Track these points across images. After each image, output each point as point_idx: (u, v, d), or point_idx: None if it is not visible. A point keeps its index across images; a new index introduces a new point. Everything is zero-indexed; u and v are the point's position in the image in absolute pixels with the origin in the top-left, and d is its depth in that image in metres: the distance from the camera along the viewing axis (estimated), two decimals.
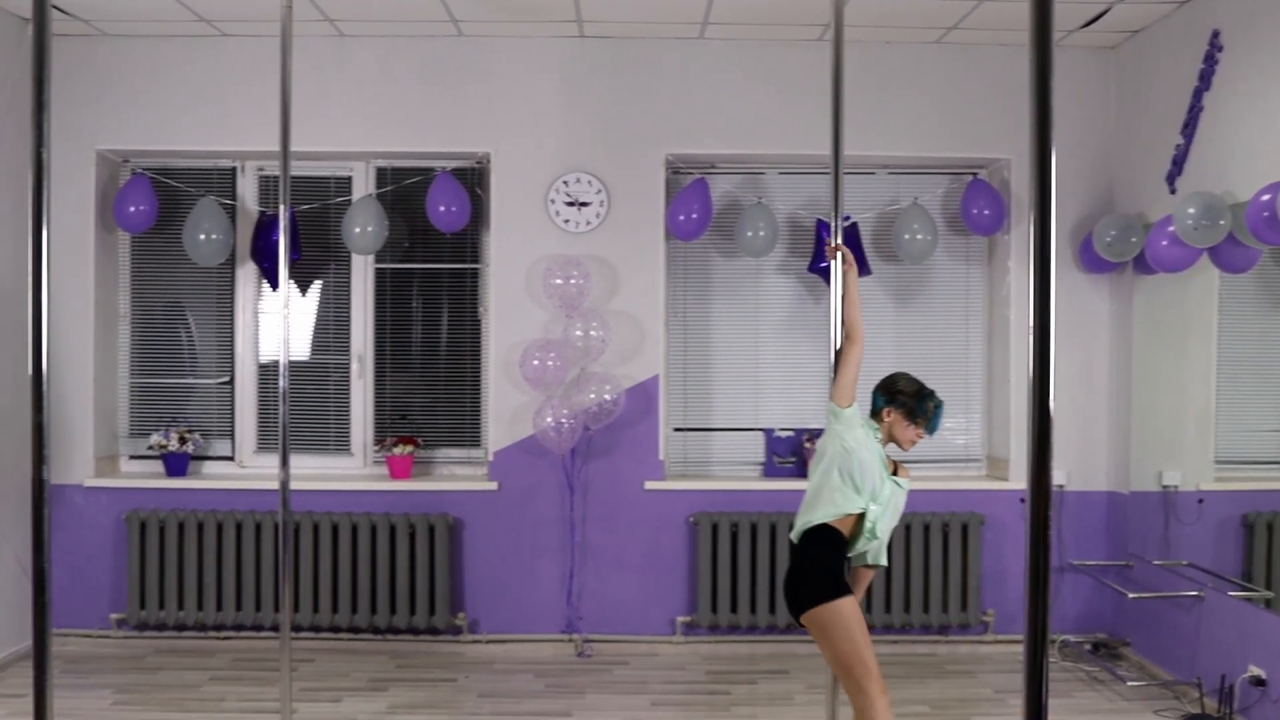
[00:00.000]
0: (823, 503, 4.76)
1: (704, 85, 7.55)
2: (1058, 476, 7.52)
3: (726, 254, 7.85)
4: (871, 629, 7.37)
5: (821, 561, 4.72)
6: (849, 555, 4.81)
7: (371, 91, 7.55)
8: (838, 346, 5.00)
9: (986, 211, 7.51)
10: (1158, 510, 7.17)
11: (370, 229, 7.43)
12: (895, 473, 4.86)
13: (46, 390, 3.48)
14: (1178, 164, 6.77)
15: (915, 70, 7.58)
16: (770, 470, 7.73)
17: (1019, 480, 7.57)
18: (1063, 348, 7.43)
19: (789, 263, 7.84)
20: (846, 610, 4.58)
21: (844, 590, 4.62)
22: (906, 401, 4.83)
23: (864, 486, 4.72)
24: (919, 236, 7.47)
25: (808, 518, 4.78)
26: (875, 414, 4.89)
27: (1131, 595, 7.00)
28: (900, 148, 7.59)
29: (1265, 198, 5.60)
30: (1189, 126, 6.65)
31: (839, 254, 5.08)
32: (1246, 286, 6.85)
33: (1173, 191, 6.79)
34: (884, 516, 4.76)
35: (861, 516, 4.75)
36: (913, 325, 7.89)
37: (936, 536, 7.51)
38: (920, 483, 7.51)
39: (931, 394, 4.87)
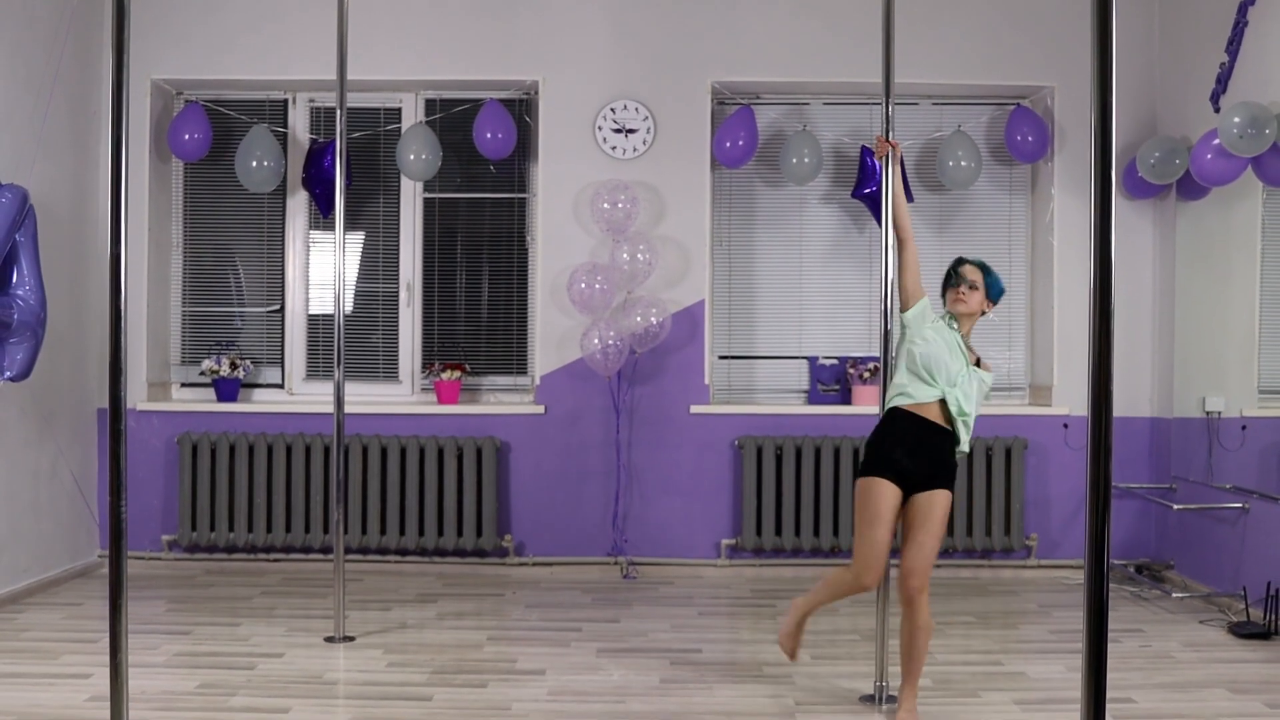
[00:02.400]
0: (893, 395, 4.88)
1: (750, 13, 7.64)
2: None
3: (771, 183, 7.93)
4: None
5: (872, 439, 4.88)
6: (958, 445, 4.86)
7: (421, 22, 7.66)
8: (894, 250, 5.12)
9: (1030, 138, 7.57)
10: (1201, 436, 7.19)
11: (425, 156, 7.54)
12: (978, 364, 4.90)
13: (124, 329, 3.54)
14: (1222, 82, 6.81)
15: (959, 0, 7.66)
16: (814, 397, 7.80)
17: (1062, 406, 7.61)
18: None
19: (833, 192, 7.91)
20: (863, 487, 4.77)
21: (873, 470, 4.76)
22: (947, 275, 4.98)
23: (939, 376, 4.78)
24: (963, 163, 7.53)
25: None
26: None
27: (1176, 507, 7.03)
28: (944, 77, 7.66)
29: None
30: (1234, 43, 6.70)
31: (888, 154, 5.16)
32: None
33: (1217, 110, 6.83)
34: (966, 399, 4.80)
35: (943, 403, 4.79)
36: (956, 254, 7.87)
37: (980, 461, 7.55)
38: None
39: (960, 259, 5.05)
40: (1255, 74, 6.52)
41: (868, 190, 7.51)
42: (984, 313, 4.99)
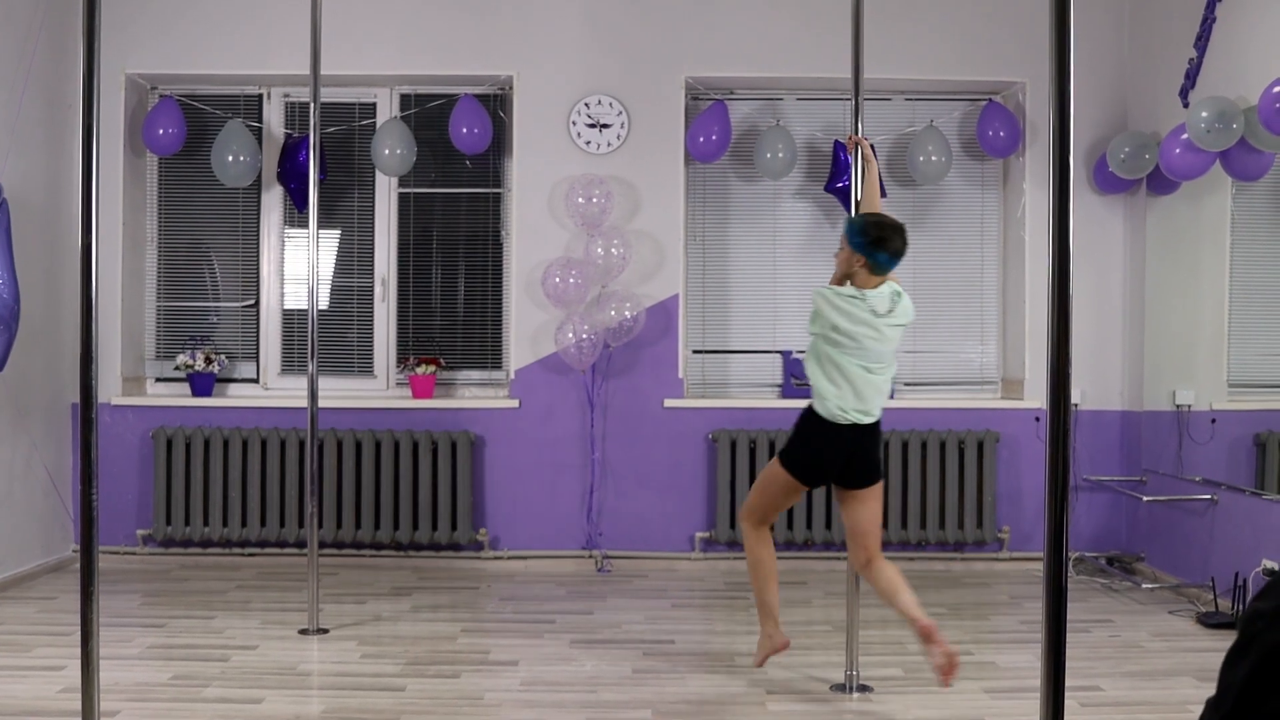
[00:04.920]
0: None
1: (724, 9, 7.67)
2: (1072, 395, 7.59)
3: (745, 178, 7.97)
4: (887, 545, 7.55)
5: None
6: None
7: (396, 17, 7.67)
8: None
9: (1002, 134, 7.62)
10: (1171, 429, 7.26)
11: (399, 151, 7.56)
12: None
13: (95, 318, 3.55)
14: (1190, 78, 6.87)
15: None
16: (788, 391, 7.83)
17: (1034, 400, 7.66)
18: (1077, 268, 7.46)
19: (806, 187, 7.95)
20: None
21: None
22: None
23: None
24: (934, 158, 7.58)
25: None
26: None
27: (1146, 499, 7.11)
28: (916, 72, 7.70)
29: (1277, 89, 5.70)
30: (1202, 39, 6.76)
31: (858, 147, 5.22)
32: (1259, 209, 6.94)
33: (1186, 105, 6.89)
34: None
35: None
36: (928, 249, 7.97)
37: (953, 454, 7.60)
38: (936, 401, 7.71)
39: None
40: (1224, 69, 6.59)
41: (841, 184, 7.56)
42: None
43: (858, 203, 5.28)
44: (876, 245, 4.86)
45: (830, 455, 4.94)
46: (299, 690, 5.09)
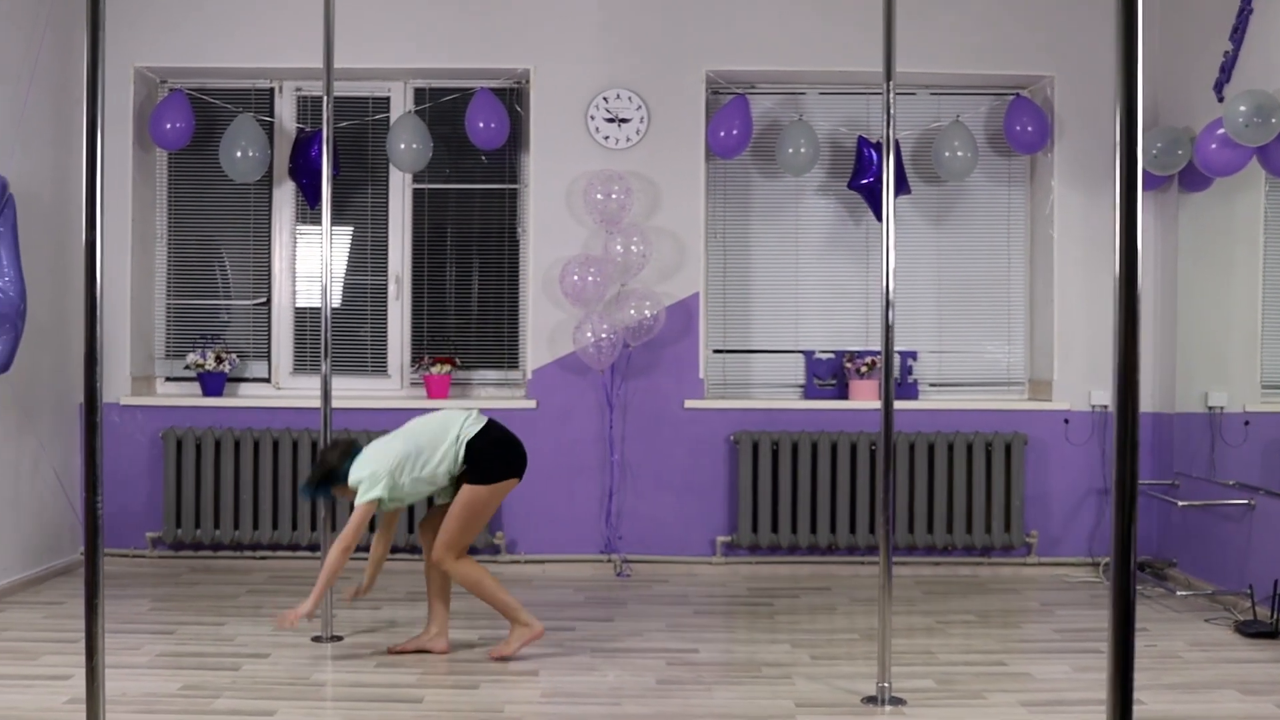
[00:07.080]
0: None
1: (745, 1, 7.51)
2: (1101, 398, 7.45)
3: (767, 174, 7.81)
4: (912, 549, 7.44)
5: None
6: None
7: (410, 9, 7.53)
8: None
9: (1030, 129, 7.44)
10: (1203, 431, 7.08)
11: (415, 146, 7.41)
12: None
13: (100, 317, 3.39)
14: (1226, 71, 6.69)
15: None
16: (811, 392, 7.68)
17: (1063, 401, 7.49)
18: (1105, 267, 7.34)
19: (829, 184, 7.79)
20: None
21: None
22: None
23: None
24: (959, 154, 7.42)
25: None
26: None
27: (1181, 504, 6.93)
28: (942, 66, 7.54)
29: None
30: (1238, 31, 6.58)
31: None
32: None
33: (1220, 100, 6.71)
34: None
35: None
36: (954, 247, 7.82)
37: (980, 456, 7.43)
38: (961, 403, 7.57)
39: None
40: (1261, 62, 6.41)
41: (865, 181, 7.40)
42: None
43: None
44: (322, 481, 5.59)
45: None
46: (313, 702, 4.95)
